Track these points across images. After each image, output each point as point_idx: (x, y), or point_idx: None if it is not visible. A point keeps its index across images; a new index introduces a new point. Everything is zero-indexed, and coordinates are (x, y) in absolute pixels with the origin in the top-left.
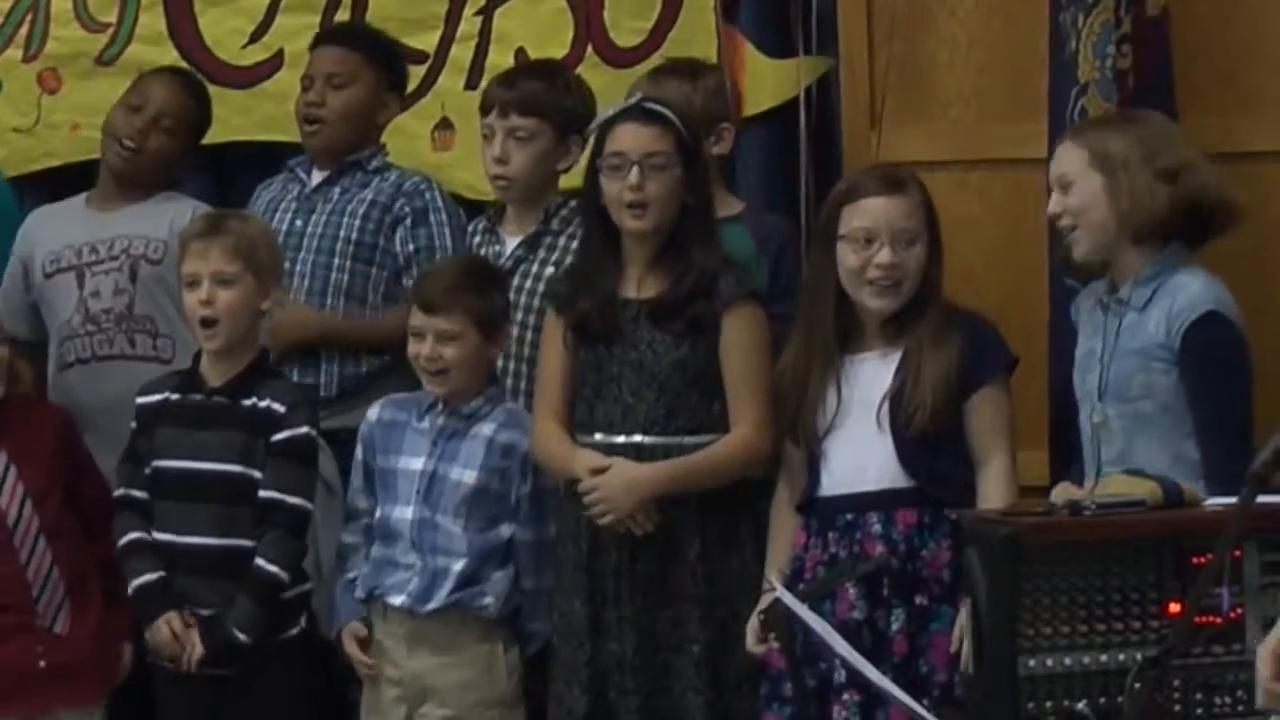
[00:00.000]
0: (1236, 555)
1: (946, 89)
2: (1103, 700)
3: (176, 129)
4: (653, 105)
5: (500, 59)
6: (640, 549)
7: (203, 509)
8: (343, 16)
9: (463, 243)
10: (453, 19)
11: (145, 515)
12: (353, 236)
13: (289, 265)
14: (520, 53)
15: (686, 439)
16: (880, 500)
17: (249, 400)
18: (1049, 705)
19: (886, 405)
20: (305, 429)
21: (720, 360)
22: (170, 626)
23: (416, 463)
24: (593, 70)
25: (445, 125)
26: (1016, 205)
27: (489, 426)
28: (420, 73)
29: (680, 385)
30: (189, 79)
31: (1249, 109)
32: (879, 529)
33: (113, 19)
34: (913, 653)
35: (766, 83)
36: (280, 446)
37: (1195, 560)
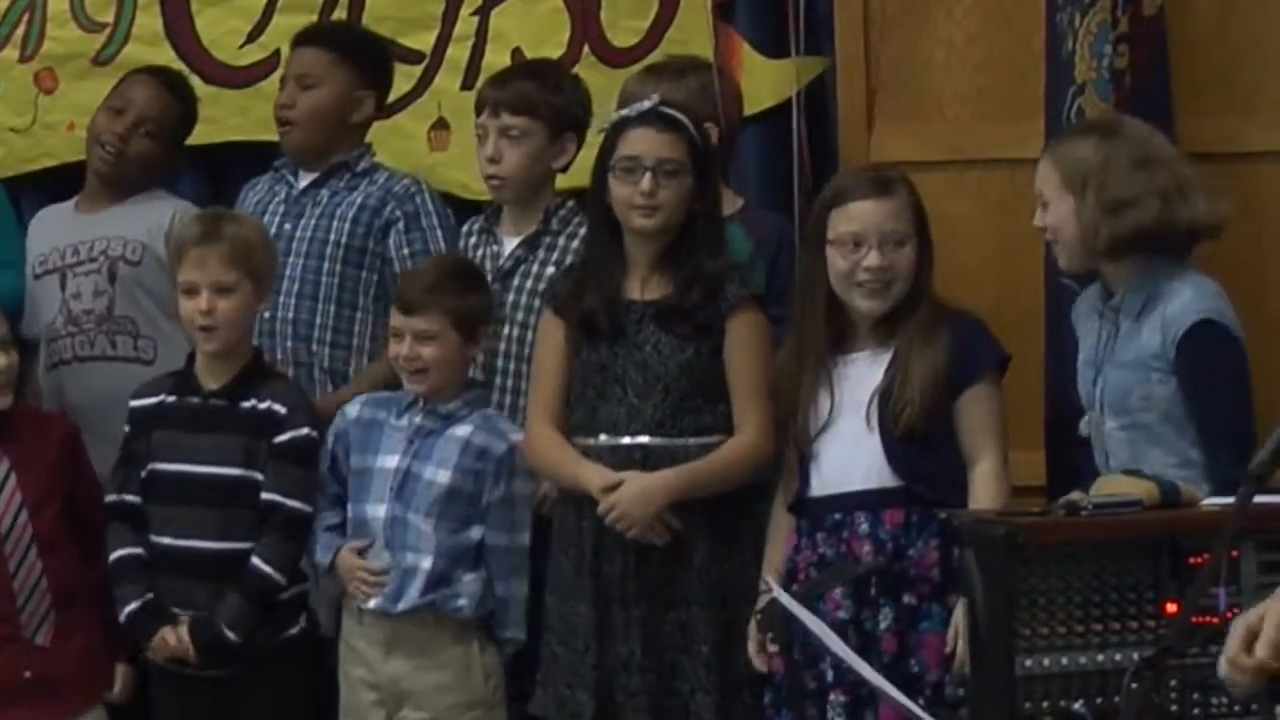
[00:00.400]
0: (1233, 555)
1: (943, 89)
2: (1099, 700)
3: (158, 132)
4: (669, 111)
5: (497, 59)
6: (647, 552)
7: (202, 513)
8: (339, 16)
9: (455, 244)
10: (449, 19)
11: (138, 523)
12: (342, 240)
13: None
14: (517, 53)
15: (691, 440)
16: (867, 500)
17: (248, 402)
18: (1046, 705)
19: (875, 403)
20: (307, 430)
21: (725, 363)
22: (167, 641)
23: (392, 460)
24: (589, 70)
25: (442, 125)
26: (1013, 205)
27: (465, 428)
28: (417, 73)
29: (686, 387)
30: (172, 79)
31: (1246, 109)
32: (866, 529)
33: (109, 19)
34: (902, 652)
35: (763, 82)
36: (282, 448)
37: (1192, 560)
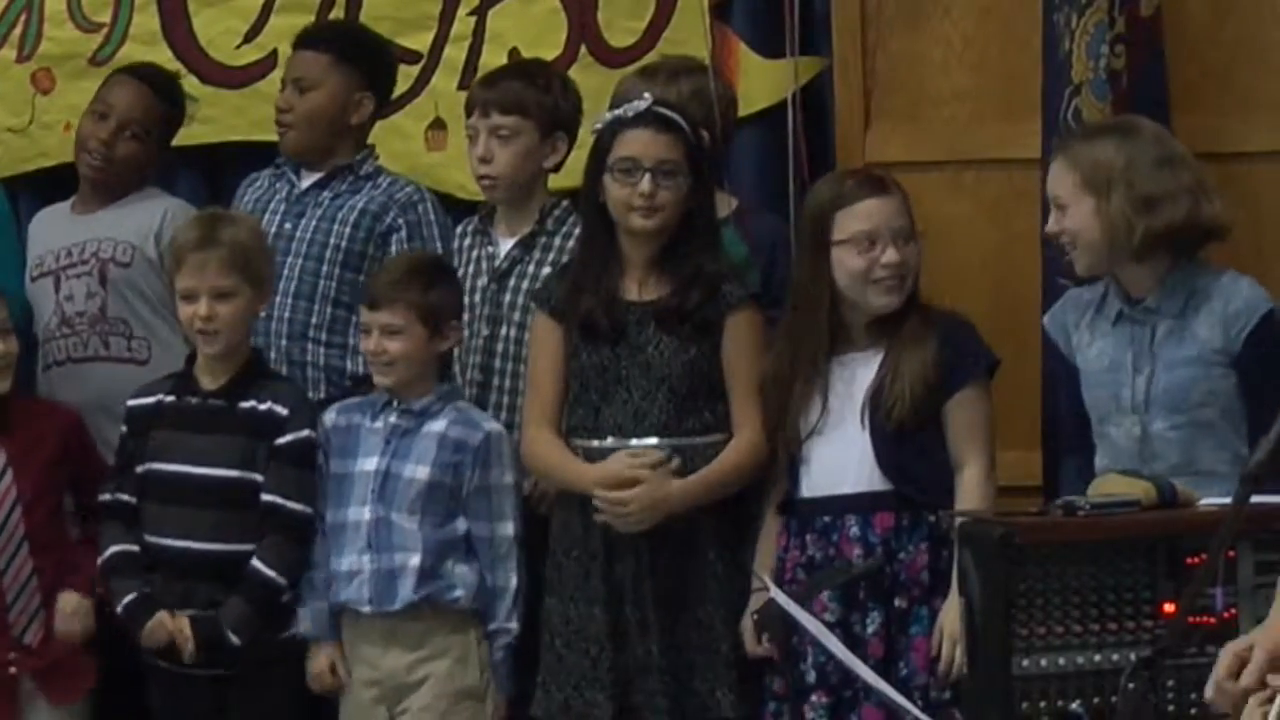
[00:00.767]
0: (1230, 556)
1: (940, 89)
2: (1096, 700)
3: (143, 133)
4: (666, 112)
5: (494, 59)
6: (659, 553)
7: (202, 514)
8: (336, 16)
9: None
10: (446, 19)
11: (131, 522)
12: (342, 244)
13: (276, 269)
14: (514, 53)
15: (697, 440)
16: (858, 503)
17: (248, 403)
18: (1043, 705)
19: (868, 402)
20: (307, 432)
21: (723, 363)
22: (164, 625)
23: (370, 463)
24: (586, 70)
25: (439, 125)
26: (1010, 205)
27: (440, 423)
28: (414, 73)
29: (690, 387)
30: (155, 77)
31: (1242, 109)
32: (856, 532)
33: (107, 19)
34: (892, 655)
35: (759, 83)
36: (283, 450)
37: (1189, 560)
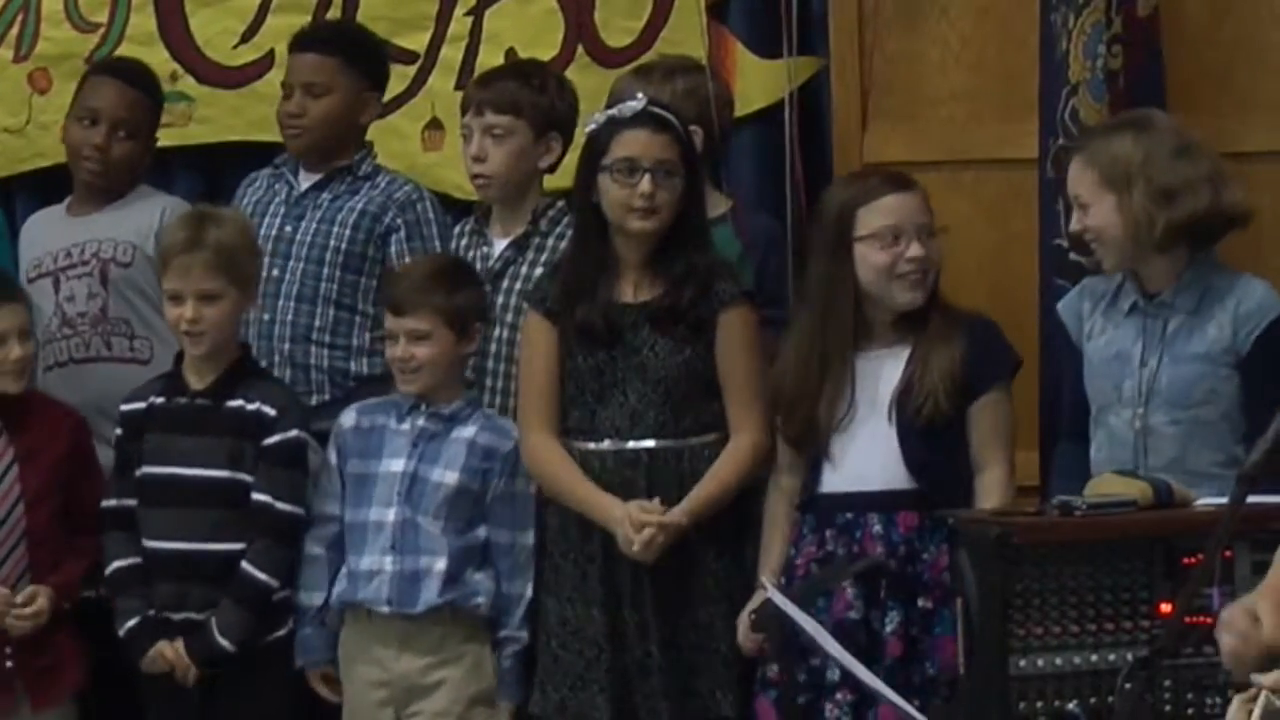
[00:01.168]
0: (1227, 556)
1: (937, 89)
2: (1093, 700)
3: (135, 130)
4: (661, 111)
5: (491, 59)
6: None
7: (192, 515)
8: (333, 17)
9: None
10: (443, 19)
11: (133, 531)
12: (343, 246)
13: (278, 272)
14: (511, 53)
15: (693, 440)
16: (881, 501)
17: (235, 402)
18: (1040, 705)
19: (895, 400)
20: (296, 432)
21: (717, 361)
22: (164, 657)
23: (397, 464)
24: (583, 70)
25: (435, 125)
26: (1008, 205)
27: (470, 429)
28: (411, 73)
29: (686, 388)
30: (131, 73)
31: (1239, 109)
32: (879, 530)
33: (104, 19)
34: (916, 655)
35: (757, 83)
36: (272, 450)
37: (1186, 560)
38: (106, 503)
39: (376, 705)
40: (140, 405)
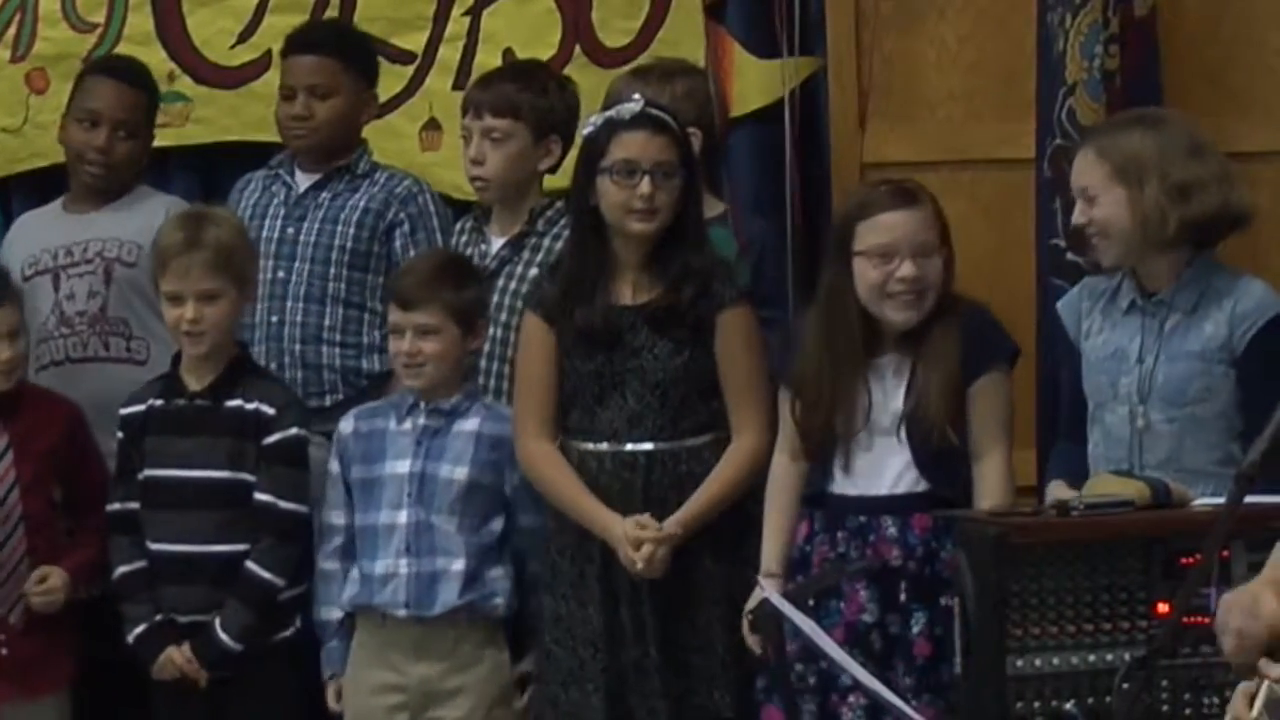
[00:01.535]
0: (1224, 556)
1: (934, 89)
2: (1091, 701)
3: (135, 129)
4: (659, 113)
5: (488, 59)
6: None
7: (196, 516)
8: (330, 17)
9: (450, 244)
10: (440, 19)
11: (137, 534)
12: (348, 245)
13: (283, 274)
14: (508, 53)
15: (690, 441)
16: (895, 504)
17: (234, 402)
18: (1037, 705)
19: (904, 423)
20: (295, 430)
21: (717, 362)
22: (172, 660)
23: (403, 466)
24: (581, 71)
25: (433, 125)
26: (1005, 205)
27: (473, 422)
28: (408, 73)
29: (684, 390)
30: (127, 71)
31: (1236, 109)
32: (894, 532)
33: (101, 19)
34: (938, 655)
35: (754, 83)
36: (273, 449)
37: (1183, 561)
38: (110, 507)
39: (390, 710)
40: (139, 408)
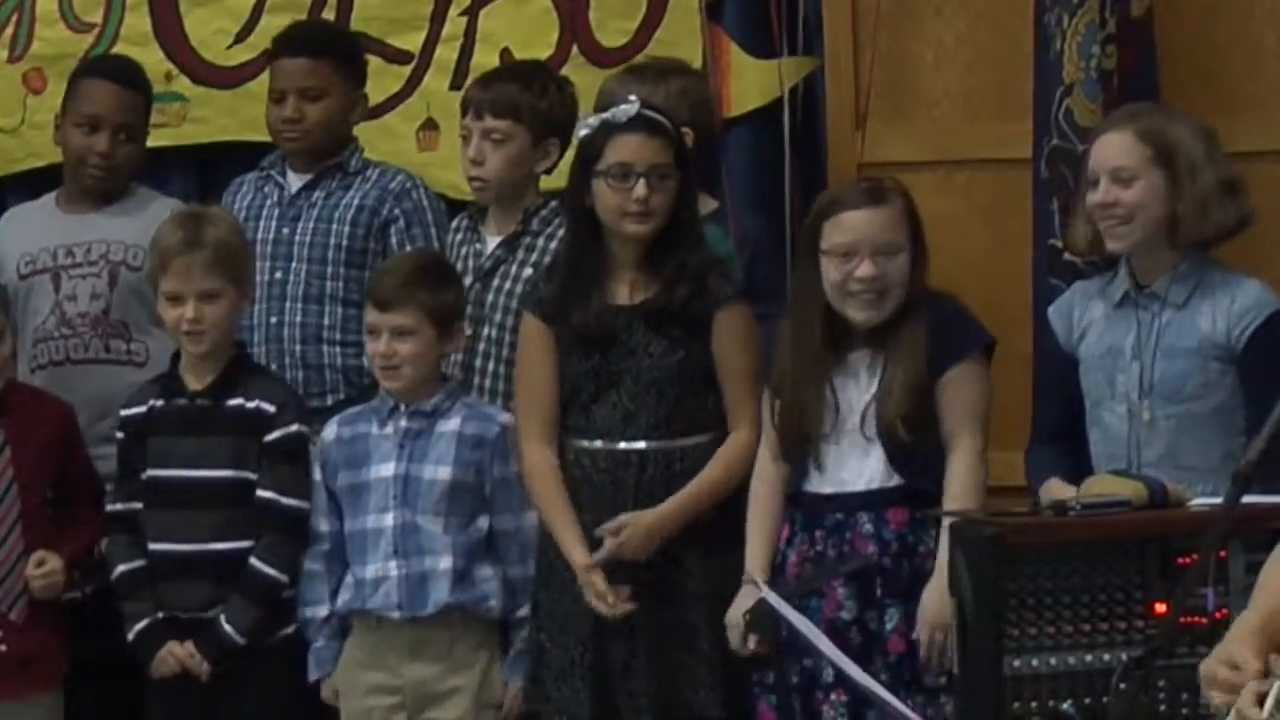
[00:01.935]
0: (1221, 556)
1: (931, 89)
2: (1088, 701)
3: (135, 131)
4: (655, 115)
5: (485, 59)
6: None
7: (200, 516)
8: (327, 17)
9: (446, 240)
10: (438, 19)
11: (137, 534)
12: (343, 243)
13: (280, 275)
14: (505, 53)
15: (685, 440)
16: (870, 500)
17: (235, 400)
18: (1034, 705)
19: (870, 417)
20: (296, 427)
21: (715, 358)
22: (174, 656)
23: (387, 469)
24: (578, 70)
25: (430, 125)
26: (1002, 205)
27: (454, 421)
28: (405, 73)
29: (680, 389)
30: (122, 73)
31: (1233, 109)
32: (870, 529)
33: (98, 19)
34: (911, 651)
35: (752, 83)
36: (274, 446)
37: (1180, 561)
38: (111, 507)
39: (388, 711)
40: (140, 409)
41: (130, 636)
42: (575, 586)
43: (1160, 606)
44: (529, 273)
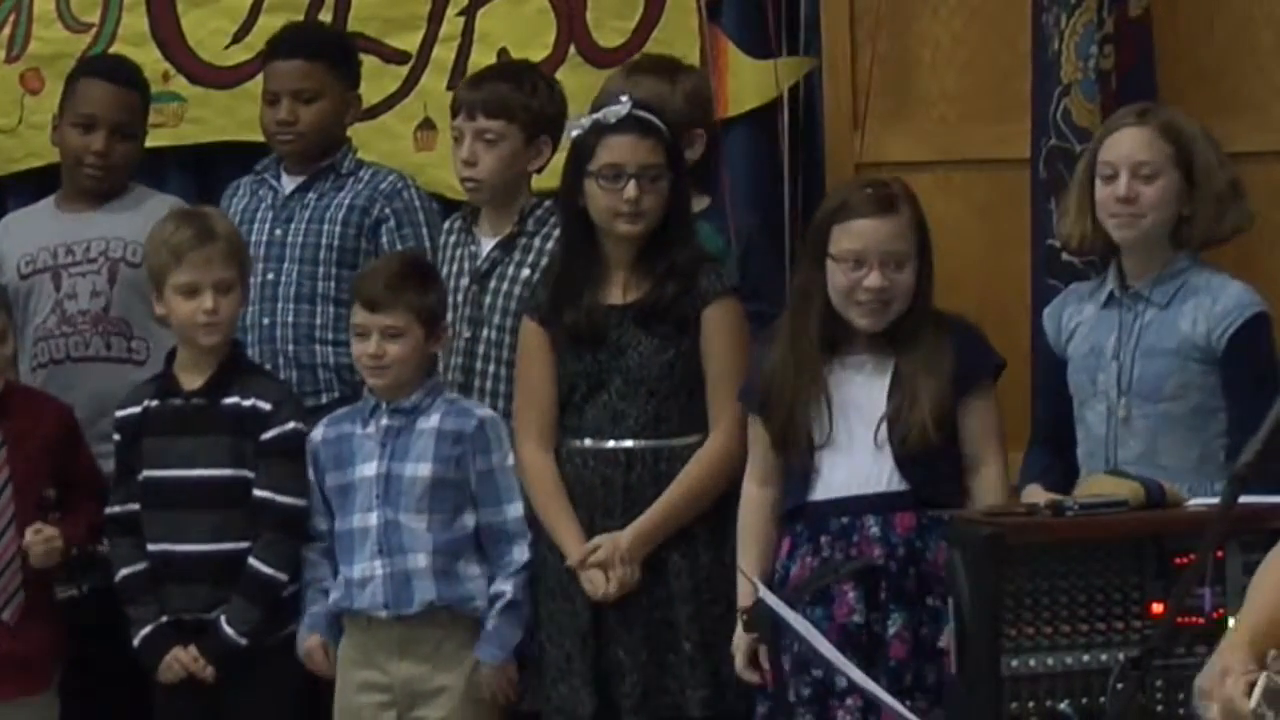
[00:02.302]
0: (1219, 556)
1: (929, 89)
2: (1085, 701)
3: (133, 130)
4: (646, 115)
5: (483, 59)
6: None
7: (198, 516)
8: (325, 17)
9: (439, 240)
10: (435, 19)
11: (138, 536)
12: (335, 243)
13: (273, 276)
14: (503, 53)
15: (674, 441)
16: (877, 504)
17: (231, 399)
18: (1032, 705)
19: (884, 426)
20: (293, 425)
21: (701, 355)
22: (180, 662)
23: (370, 468)
24: (575, 70)
25: (428, 125)
26: (1000, 206)
27: (433, 418)
28: (403, 73)
29: (669, 388)
30: (118, 72)
31: (1231, 109)
32: (877, 532)
33: (95, 19)
34: (915, 656)
35: (749, 83)
36: (270, 445)
37: (1177, 561)
38: (110, 509)
39: (378, 708)
40: (136, 410)
41: (135, 642)
42: (571, 587)
43: (1157, 606)
44: (526, 274)
